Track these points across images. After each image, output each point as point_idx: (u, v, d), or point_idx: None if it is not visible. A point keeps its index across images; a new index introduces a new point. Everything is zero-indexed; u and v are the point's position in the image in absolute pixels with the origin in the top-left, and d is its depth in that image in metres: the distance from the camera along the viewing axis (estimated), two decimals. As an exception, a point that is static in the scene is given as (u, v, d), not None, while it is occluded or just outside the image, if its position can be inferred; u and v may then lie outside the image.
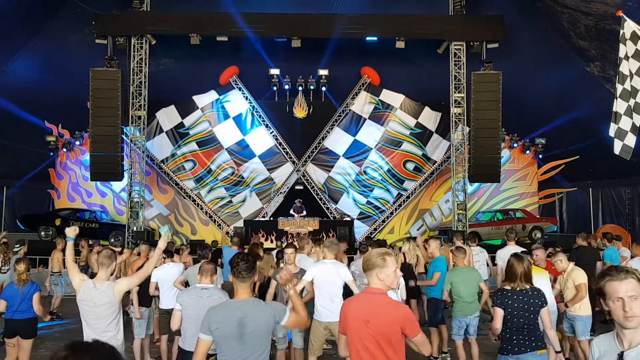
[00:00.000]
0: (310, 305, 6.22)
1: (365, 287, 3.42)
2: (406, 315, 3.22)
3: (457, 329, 6.79)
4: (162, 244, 4.84)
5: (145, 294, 7.06)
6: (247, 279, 3.45)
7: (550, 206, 20.85)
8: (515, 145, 20.31)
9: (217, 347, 3.36)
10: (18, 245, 10.43)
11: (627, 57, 5.82)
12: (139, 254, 8.63)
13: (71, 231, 4.83)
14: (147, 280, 7.08)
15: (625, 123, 5.82)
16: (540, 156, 20.31)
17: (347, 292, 6.08)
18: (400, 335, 3.20)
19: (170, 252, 7.51)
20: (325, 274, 6.06)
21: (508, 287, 4.59)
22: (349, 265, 7.73)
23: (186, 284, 7.06)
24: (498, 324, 4.48)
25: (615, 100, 5.94)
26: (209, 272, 4.88)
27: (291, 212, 18.38)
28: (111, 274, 4.89)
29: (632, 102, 5.85)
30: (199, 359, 3.37)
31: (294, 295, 3.68)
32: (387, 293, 3.33)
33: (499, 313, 4.48)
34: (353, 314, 3.26)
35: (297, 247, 7.41)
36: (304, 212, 18.36)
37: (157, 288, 6.78)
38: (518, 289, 4.52)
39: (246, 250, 8.92)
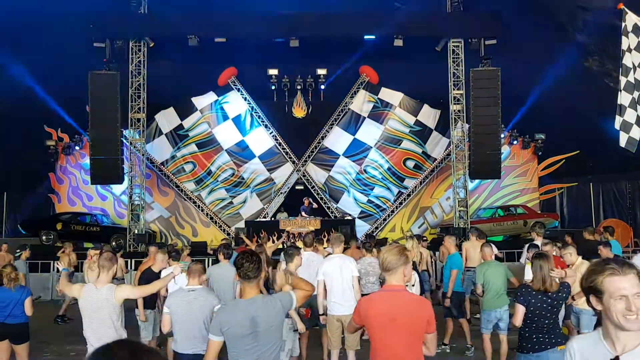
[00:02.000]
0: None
1: (385, 284, 3.38)
2: (431, 310, 3.26)
3: (486, 322, 6.81)
4: (177, 271, 5.18)
5: (150, 296, 7.04)
6: (254, 279, 3.45)
7: (551, 202, 20.85)
8: (514, 141, 20.29)
9: (229, 346, 3.34)
10: (18, 251, 10.39)
11: (629, 50, 5.80)
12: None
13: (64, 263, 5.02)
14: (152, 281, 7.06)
15: (630, 115, 5.81)
16: (540, 153, 20.29)
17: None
18: (424, 331, 3.22)
19: (178, 254, 7.50)
20: (333, 269, 6.16)
21: (533, 285, 4.49)
22: None
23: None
24: (518, 321, 4.42)
25: (619, 92, 5.92)
26: (197, 272, 4.87)
27: (302, 213, 18.23)
28: (113, 277, 4.90)
29: (636, 94, 5.84)
30: None
31: (294, 281, 3.81)
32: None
33: (520, 310, 4.42)
34: (376, 312, 3.22)
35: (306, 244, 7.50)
36: (312, 206, 18.40)
37: (166, 289, 6.76)
38: (543, 288, 4.42)
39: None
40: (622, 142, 5.88)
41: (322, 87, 19.52)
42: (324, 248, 8.76)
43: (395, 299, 3.23)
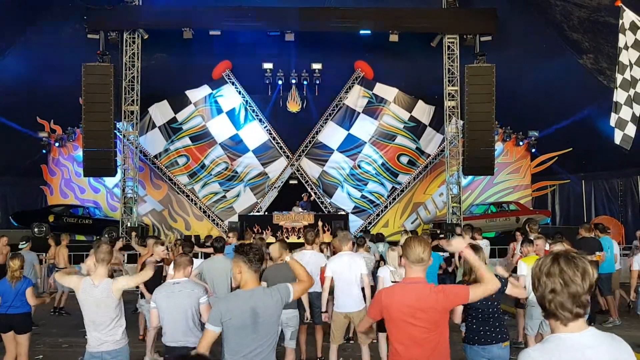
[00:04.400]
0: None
1: (407, 276, 3.35)
2: (453, 296, 3.24)
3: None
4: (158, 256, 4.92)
5: (154, 284, 7.04)
6: (257, 270, 3.47)
7: (543, 199, 20.97)
8: (508, 138, 20.38)
9: (228, 337, 3.33)
10: (23, 242, 10.33)
11: (626, 47, 5.82)
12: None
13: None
14: (158, 272, 7.02)
15: (625, 113, 5.84)
16: (534, 150, 20.38)
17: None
18: (447, 316, 3.29)
19: (191, 247, 7.47)
20: (341, 266, 6.20)
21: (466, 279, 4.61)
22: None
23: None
24: (457, 319, 4.54)
25: (615, 90, 5.95)
26: (181, 265, 4.85)
27: (299, 208, 18.17)
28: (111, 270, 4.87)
29: (632, 92, 5.86)
30: (203, 350, 3.33)
31: (291, 261, 3.82)
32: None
33: (458, 308, 4.52)
34: (396, 305, 3.22)
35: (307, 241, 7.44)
36: (308, 206, 18.38)
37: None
38: (472, 280, 4.50)
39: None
40: (617, 139, 5.90)
41: (317, 81, 19.48)
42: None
43: (414, 291, 3.24)
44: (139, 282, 4.91)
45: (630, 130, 5.84)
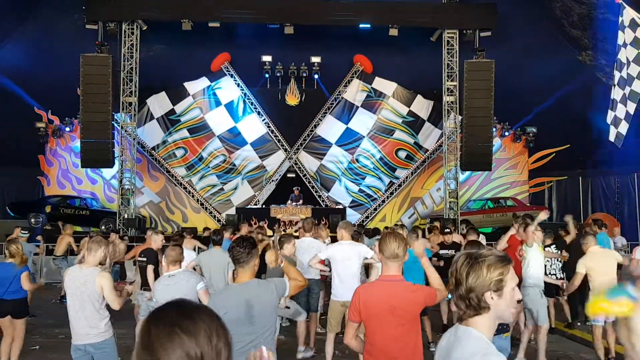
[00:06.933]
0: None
1: (383, 273, 3.38)
2: (426, 295, 3.27)
3: None
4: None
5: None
6: (245, 263, 3.48)
7: (540, 195, 21.00)
8: (506, 133, 20.38)
9: None
10: (25, 232, 10.45)
11: (625, 45, 5.81)
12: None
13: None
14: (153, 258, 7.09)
15: (620, 111, 5.84)
16: (531, 145, 20.39)
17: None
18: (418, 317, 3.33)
19: (182, 237, 7.47)
20: (341, 254, 6.13)
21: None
22: None
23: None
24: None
25: (613, 87, 5.95)
26: (172, 258, 4.92)
27: (289, 201, 18.20)
28: (101, 262, 4.90)
29: (627, 89, 5.86)
30: None
31: (285, 265, 3.87)
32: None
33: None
34: (375, 302, 3.23)
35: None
36: (301, 201, 18.34)
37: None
38: None
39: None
40: (612, 136, 5.92)
41: (316, 75, 19.44)
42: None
43: (393, 289, 3.25)
44: (112, 303, 4.77)
45: (623, 128, 5.85)
